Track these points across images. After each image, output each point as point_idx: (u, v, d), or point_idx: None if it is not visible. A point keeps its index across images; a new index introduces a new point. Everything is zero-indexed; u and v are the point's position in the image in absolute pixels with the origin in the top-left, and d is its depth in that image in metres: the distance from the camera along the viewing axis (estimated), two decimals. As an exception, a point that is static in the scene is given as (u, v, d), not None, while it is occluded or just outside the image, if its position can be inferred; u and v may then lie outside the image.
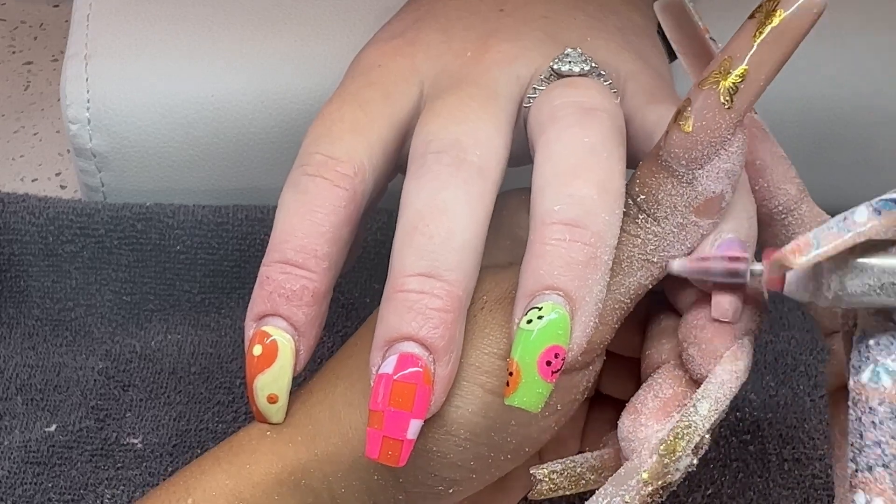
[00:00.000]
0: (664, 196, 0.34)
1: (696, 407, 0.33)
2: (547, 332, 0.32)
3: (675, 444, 0.33)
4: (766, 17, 0.32)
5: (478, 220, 0.34)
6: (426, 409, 0.33)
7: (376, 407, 0.33)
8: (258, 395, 0.35)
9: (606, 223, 0.33)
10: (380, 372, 0.33)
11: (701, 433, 0.33)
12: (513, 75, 0.37)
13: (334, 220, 0.35)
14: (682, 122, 0.33)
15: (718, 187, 0.33)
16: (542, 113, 0.36)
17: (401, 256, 0.33)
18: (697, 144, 0.33)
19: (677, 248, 0.34)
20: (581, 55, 0.37)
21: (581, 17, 0.40)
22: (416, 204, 0.34)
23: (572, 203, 0.33)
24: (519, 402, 0.32)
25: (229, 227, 0.52)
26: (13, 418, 0.47)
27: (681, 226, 0.34)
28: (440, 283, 0.33)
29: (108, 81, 0.51)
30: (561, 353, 0.32)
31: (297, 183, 0.36)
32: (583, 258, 0.32)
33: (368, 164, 0.36)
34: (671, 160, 0.33)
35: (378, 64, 0.38)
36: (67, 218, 0.51)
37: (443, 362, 0.33)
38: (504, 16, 0.39)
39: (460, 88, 0.37)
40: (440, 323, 0.33)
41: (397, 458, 0.33)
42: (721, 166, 0.33)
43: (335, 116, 0.37)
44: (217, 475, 0.35)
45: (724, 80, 0.32)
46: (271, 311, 0.35)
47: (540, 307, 0.32)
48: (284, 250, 0.35)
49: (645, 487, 0.33)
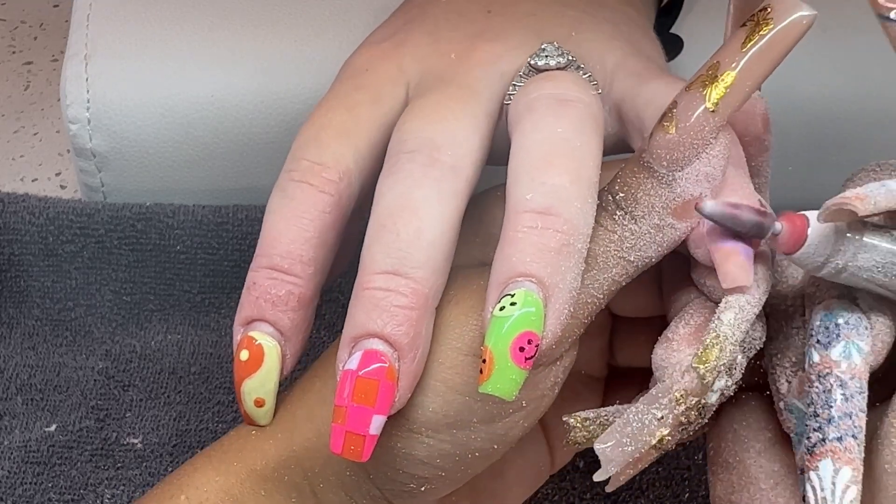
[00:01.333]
0: (643, 195, 0.34)
1: (721, 318, 0.33)
2: (520, 319, 0.32)
3: (707, 355, 0.33)
4: (757, 27, 0.33)
5: (448, 219, 0.34)
6: (389, 405, 0.33)
7: (340, 402, 0.33)
8: (245, 399, 0.36)
9: (579, 211, 0.33)
10: (345, 368, 0.33)
11: (732, 342, 0.33)
12: (496, 73, 0.37)
13: (320, 226, 0.36)
14: (667, 122, 0.33)
15: (697, 190, 0.33)
16: (518, 106, 0.36)
17: (369, 254, 0.34)
18: (679, 146, 0.33)
19: (654, 248, 0.34)
20: (558, 49, 0.37)
21: (570, 13, 0.40)
22: (386, 201, 0.34)
23: (545, 191, 0.33)
24: (493, 390, 0.32)
25: (229, 227, 0.52)
26: (13, 418, 0.47)
27: (657, 227, 0.34)
28: (406, 281, 0.33)
29: (108, 81, 0.51)
30: (534, 340, 0.32)
31: (283, 188, 0.36)
32: (555, 245, 0.32)
33: (355, 168, 0.37)
34: (652, 160, 0.33)
35: (366, 68, 0.39)
36: (67, 218, 0.51)
37: (407, 359, 0.33)
38: (492, 16, 0.40)
39: (440, 88, 0.37)
40: (405, 320, 0.33)
41: (360, 453, 0.33)
42: (701, 169, 0.33)
43: (323, 121, 0.37)
44: (208, 472, 0.35)
45: (711, 84, 0.33)
46: (258, 316, 0.35)
47: (513, 294, 0.32)
48: (271, 256, 0.35)
49: (678, 405, 0.33)
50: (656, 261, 0.35)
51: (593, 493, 0.47)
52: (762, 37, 0.32)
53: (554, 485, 0.46)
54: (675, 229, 0.34)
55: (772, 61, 0.33)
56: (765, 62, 0.33)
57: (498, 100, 0.37)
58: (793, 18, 0.32)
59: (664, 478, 0.47)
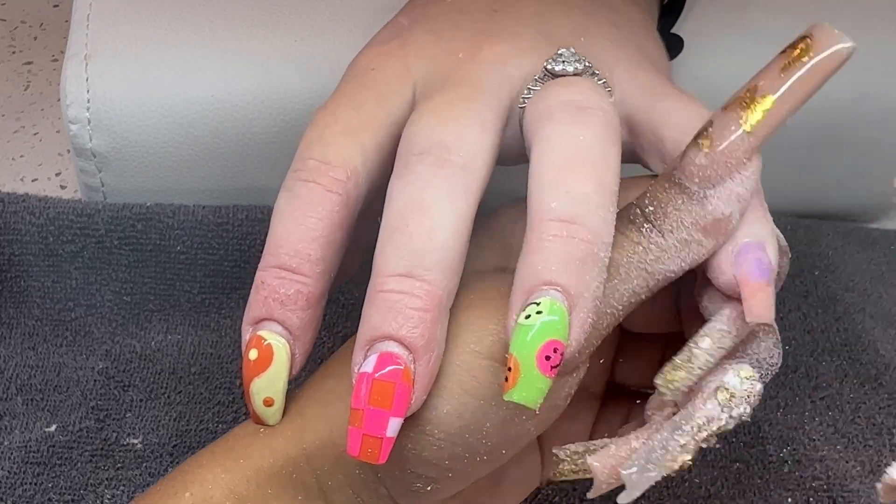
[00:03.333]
0: (672, 210, 0.34)
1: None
2: (546, 327, 0.32)
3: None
4: (799, 55, 0.33)
5: (460, 220, 0.34)
6: (405, 407, 0.33)
7: (357, 405, 0.33)
8: (255, 398, 0.36)
9: (602, 220, 0.33)
10: (361, 371, 0.33)
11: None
12: (504, 76, 0.37)
13: (328, 225, 0.36)
14: (702, 141, 0.34)
15: (728, 209, 0.34)
16: (537, 111, 0.36)
17: (382, 256, 0.34)
18: (715, 165, 0.33)
19: (677, 263, 0.34)
20: (574, 55, 0.37)
21: (575, 14, 0.40)
22: (397, 203, 0.34)
23: (569, 200, 0.33)
24: (518, 398, 0.32)
25: (229, 227, 0.52)
26: (13, 418, 0.47)
27: (684, 242, 0.34)
28: (419, 283, 0.33)
29: (108, 81, 0.51)
30: (560, 348, 0.32)
31: (291, 188, 0.36)
32: (580, 254, 0.32)
33: (362, 167, 0.36)
34: (685, 177, 0.34)
35: (371, 67, 0.39)
36: (67, 218, 0.51)
37: (422, 361, 0.33)
38: (497, 15, 0.39)
39: (450, 89, 0.37)
40: (419, 322, 0.33)
41: (377, 455, 0.33)
42: (734, 189, 0.34)
43: (329, 120, 0.37)
44: (214, 470, 0.35)
45: (749, 107, 0.33)
46: (266, 315, 0.35)
47: (538, 302, 0.32)
48: (279, 255, 0.35)
49: (701, 432, 0.34)
50: (676, 276, 0.35)
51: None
52: (803, 64, 0.33)
53: (554, 484, 0.47)
54: (702, 246, 0.34)
55: (810, 89, 0.33)
56: (803, 89, 0.33)
57: (507, 101, 0.37)
58: (834, 49, 0.33)
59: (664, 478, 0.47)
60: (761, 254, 0.34)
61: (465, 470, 0.35)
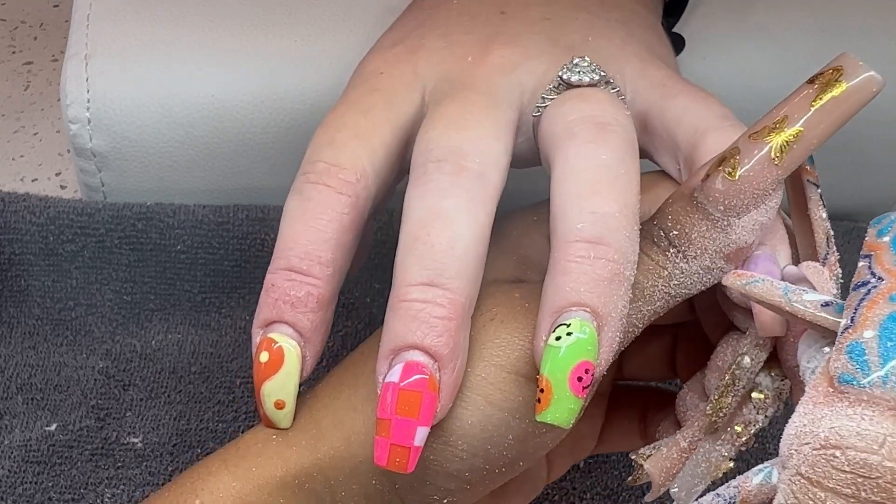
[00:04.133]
0: (697, 236, 0.34)
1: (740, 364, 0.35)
2: (577, 348, 0.32)
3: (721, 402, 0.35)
4: (828, 85, 0.33)
5: (479, 228, 0.34)
6: (432, 416, 0.33)
7: (384, 415, 0.33)
8: (265, 401, 0.36)
9: (628, 239, 0.33)
10: (386, 380, 0.33)
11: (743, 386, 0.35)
12: (515, 82, 0.37)
13: (338, 227, 0.36)
14: (730, 169, 0.33)
15: (751, 238, 0.34)
16: (556, 126, 0.36)
17: (404, 266, 0.34)
18: (741, 194, 0.33)
19: (698, 287, 0.35)
20: (590, 65, 0.37)
21: (583, 17, 0.40)
22: (417, 213, 0.34)
23: (595, 221, 0.33)
24: (551, 419, 0.32)
25: (230, 226, 0.52)
26: (13, 417, 0.47)
27: (707, 268, 0.34)
28: (442, 292, 0.33)
29: (108, 81, 0.51)
30: (591, 369, 0.32)
31: (300, 190, 0.36)
32: (608, 275, 0.32)
33: (371, 170, 0.36)
34: (709, 203, 0.34)
35: (380, 71, 0.39)
36: (68, 217, 0.51)
37: (447, 369, 0.33)
38: (505, 18, 0.39)
39: (461, 95, 0.37)
40: (444, 331, 0.33)
41: (405, 465, 0.33)
42: (757, 219, 0.34)
43: (338, 124, 0.37)
44: (224, 477, 0.35)
45: (777, 136, 0.33)
46: (277, 317, 0.35)
47: (568, 323, 0.32)
48: (289, 257, 0.35)
49: (740, 437, 0.35)
50: (694, 294, 0.35)
51: (594, 493, 0.47)
52: (833, 97, 0.33)
53: (554, 484, 0.47)
54: (724, 272, 0.34)
55: (838, 121, 0.33)
56: (832, 121, 0.33)
57: (517, 107, 0.37)
58: (864, 78, 0.33)
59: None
60: (771, 266, 0.34)
61: (483, 482, 0.35)
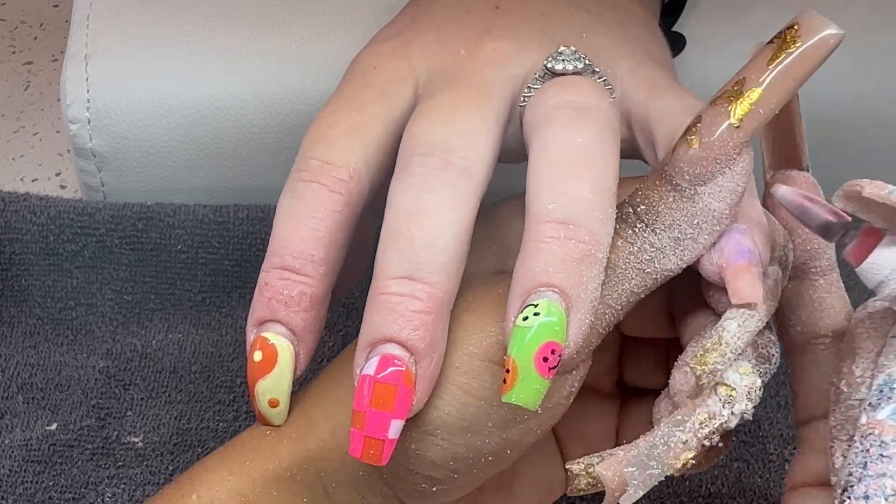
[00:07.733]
0: (664, 208, 0.34)
1: (724, 326, 0.34)
2: (544, 329, 0.32)
3: (706, 357, 0.34)
4: (785, 45, 0.33)
5: (461, 223, 0.34)
6: (407, 409, 0.33)
7: (359, 407, 0.33)
8: (259, 399, 0.36)
9: (600, 221, 0.33)
10: (362, 373, 0.33)
11: (732, 350, 0.34)
12: (506, 74, 0.37)
13: (331, 225, 0.36)
14: (691, 137, 0.33)
15: (719, 205, 0.33)
16: (536, 112, 0.36)
17: (383, 259, 0.34)
18: (703, 160, 0.33)
19: (673, 261, 0.34)
20: (575, 53, 0.37)
21: (580, 14, 0.40)
22: (399, 206, 0.34)
23: (567, 202, 0.33)
24: (517, 399, 0.32)
25: (230, 226, 0.52)
26: (14, 417, 0.48)
27: (677, 240, 0.34)
28: (421, 286, 0.33)
29: (108, 81, 0.52)
30: (558, 350, 0.32)
31: (293, 188, 0.36)
32: (578, 256, 0.32)
33: (364, 166, 0.36)
34: (675, 174, 0.33)
35: (373, 66, 0.39)
36: (68, 217, 0.51)
37: (424, 363, 0.33)
38: (500, 13, 0.39)
39: (452, 88, 0.37)
40: (421, 325, 0.33)
41: (379, 457, 0.33)
42: (724, 185, 0.33)
43: (331, 120, 0.37)
44: (220, 472, 0.35)
45: (736, 100, 0.33)
46: (270, 316, 0.35)
47: (536, 304, 0.32)
48: (282, 256, 0.35)
49: (702, 428, 0.34)
50: (675, 273, 0.35)
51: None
52: (789, 54, 0.32)
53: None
54: (696, 242, 0.34)
55: (798, 79, 0.33)
56: (791, 80, 0.33)
57: (509, 101, 0.37)
58: (821, 36, 0.32)
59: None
60: (740, 237, 0.34)
61: (471, 470, 0.35)
